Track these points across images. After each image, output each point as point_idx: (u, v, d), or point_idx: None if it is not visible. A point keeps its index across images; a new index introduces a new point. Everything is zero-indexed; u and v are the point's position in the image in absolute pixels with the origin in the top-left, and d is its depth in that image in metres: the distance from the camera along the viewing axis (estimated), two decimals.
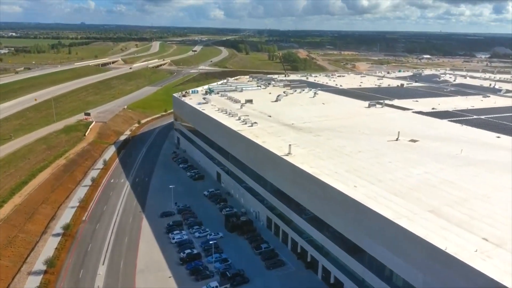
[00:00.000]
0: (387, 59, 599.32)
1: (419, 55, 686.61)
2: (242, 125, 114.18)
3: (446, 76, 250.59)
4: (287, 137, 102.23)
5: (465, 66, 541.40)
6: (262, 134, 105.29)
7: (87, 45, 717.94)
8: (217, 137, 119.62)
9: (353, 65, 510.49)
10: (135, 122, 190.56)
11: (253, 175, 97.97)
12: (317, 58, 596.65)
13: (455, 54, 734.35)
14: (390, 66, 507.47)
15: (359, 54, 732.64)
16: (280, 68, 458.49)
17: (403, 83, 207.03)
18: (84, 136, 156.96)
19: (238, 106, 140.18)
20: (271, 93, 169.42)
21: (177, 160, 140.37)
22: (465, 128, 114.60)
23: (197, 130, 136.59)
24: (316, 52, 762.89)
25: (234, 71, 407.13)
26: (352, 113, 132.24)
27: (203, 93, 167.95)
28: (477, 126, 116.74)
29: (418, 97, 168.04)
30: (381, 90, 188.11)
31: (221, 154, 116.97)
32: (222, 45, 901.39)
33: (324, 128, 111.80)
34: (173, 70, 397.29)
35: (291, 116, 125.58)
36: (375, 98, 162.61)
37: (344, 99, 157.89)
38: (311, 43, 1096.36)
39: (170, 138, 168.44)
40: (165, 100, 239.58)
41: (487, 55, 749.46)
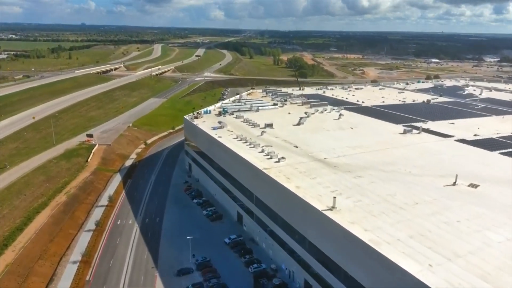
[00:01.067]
0: (395, 64, 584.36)
1: (427, 59, 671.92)
2: (268, 160, 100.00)
3: (469, 88, 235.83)
4: (323, 179, 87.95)
5: (476, 71, 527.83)
6: (292, 174, 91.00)
7: (88, 49, 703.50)
8: (238, 173, 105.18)
9: (362, 70, 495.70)
10: (141, 143, 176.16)
11: (286, 226, 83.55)
12: (323, 63, 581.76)
13: (463, 57, 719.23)
14: (400, 72, 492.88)
15: (365, 57, 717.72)
16: (287, 75, 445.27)
17: (429, 98, 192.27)
18: (86, 162, 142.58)
19: (257, 132, 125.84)
20: (291, 114, 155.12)
21: (190, 193, 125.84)
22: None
23: (212, 159, 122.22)
24: (320, 55, 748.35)
25: (240, 78, 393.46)
26: (388, 141, 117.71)
27: (216, 113, 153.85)
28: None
29: (451, 117, 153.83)
30: (407, 107, 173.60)
31: (243, 193, 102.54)
32: (224, 47, 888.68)
33: (362, 165, 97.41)
34: (178, 77, 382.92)
35: (320, 147, 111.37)
36: (406, 119, 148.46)
37: (372, 122, 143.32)
38: (313, 45, 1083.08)
39: (180, 163, 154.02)
40: (172, 115, 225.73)
41: (495, 58, 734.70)
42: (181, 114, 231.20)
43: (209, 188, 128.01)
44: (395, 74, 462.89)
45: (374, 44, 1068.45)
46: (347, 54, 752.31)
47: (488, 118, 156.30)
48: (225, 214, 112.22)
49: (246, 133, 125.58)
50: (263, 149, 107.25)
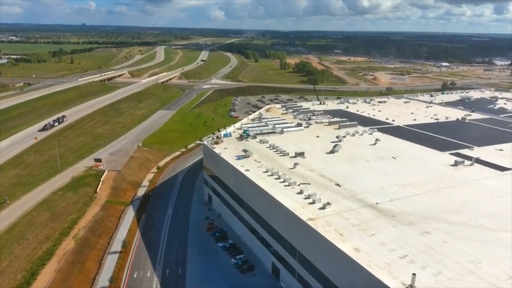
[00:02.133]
0: (406, 68, 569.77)
1: (436, 62, 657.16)
2: (310, 206, 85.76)
3: (500, 101, 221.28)
4: (384, 236, 73.66)
5: (489, 75, 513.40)
6: (345, 228, 76.64)
7: (90, 52, 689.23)
8: (274, 219, 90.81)
9: (372, 76, 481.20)
10: (153, 166, 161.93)
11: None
12: (331, 67, 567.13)
13: (472, 61, 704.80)
14: (411, 77, 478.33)
15: (372, 60, 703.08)
16: (297, 81, 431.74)
17: (463, 116, 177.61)
18: (95, 193, 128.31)
19: (289, 164, 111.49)
20: (320, 137, 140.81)
21: (214, 233, 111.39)
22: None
23: (239, 196, 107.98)
24: (326, 58, 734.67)
25: (250, 86, 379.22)
26: (441, 177, 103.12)
27: (237, 136, 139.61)
28: None
29: (497, 141, 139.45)
30: (444, 127, 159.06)
31: (281, 244, 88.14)
32: (227, 50, 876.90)
33: (423, 213, 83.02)
34: (185, 85, 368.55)
35: (365, 185, 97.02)
36: (449, 144, 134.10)
37: (413, 148, 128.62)
38: (317, 47, 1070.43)
39: (197, 192, 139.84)
40: (183, 131, 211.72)
41: (505, 61, 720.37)
42: (192, 128, 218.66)
43: (234, 227, 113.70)
44: (407, 80, 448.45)
45: (378, 46, 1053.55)
46: (353, 57, 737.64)
47: None
48: (257, 264, 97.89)
49: (276, 164, 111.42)
50: (302, 190, 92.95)
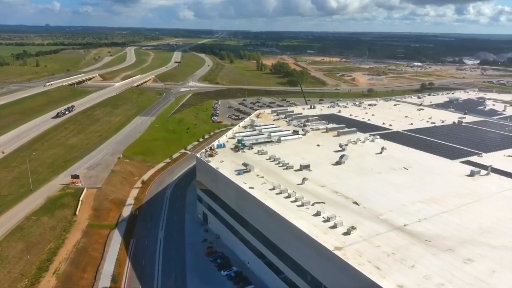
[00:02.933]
0: (381, 69, 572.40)
1: (409, 62, 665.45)
2: (332, 231, 75.84)
3: (488, 102, 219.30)
4: (425, 267, 64.50)
5: (463, 75, 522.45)
6: (379, 259, 66.88)
7: (56, 54, 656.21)
8: (290, 246, 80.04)
9: (350, 76, 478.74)
10: (136, 180, 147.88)
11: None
12: (308, 68, 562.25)
13: (444, 60, 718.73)
14: (388, 77, 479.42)
15: (347, 61, 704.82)
16: (276, 83, 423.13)
17: (459, 119, 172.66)
18: (74, 216, 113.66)
19: (295, 178, 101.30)
20: (320, 146, 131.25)
21: (215, 259, 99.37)
22: None
23: (243, 218, 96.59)
24: (301, 58, 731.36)
25: (230, 88, 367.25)
26: (461, 190, 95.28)
27: (231, 147, 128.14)
28: None
29: (502, 146, 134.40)
30: (444, 132, 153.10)
31: (301, 277, 77.37)
32: (200, 50, 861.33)
33: (458, 235, 74.51)
34: (161, 88, 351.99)
35: (386, 203, 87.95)
36: (457, 151, 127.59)
37: (422, 157, 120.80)
38: (290, 47, 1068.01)
39: (189, 209, 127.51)
40: (165, 139, 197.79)
41: (474, 60, 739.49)
42: (175, 136, 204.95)
43: (237, 251, 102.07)
44: (385, 81, 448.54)
45: (350, 46, 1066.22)
46: (327, 58, 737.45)
47: None
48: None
49: (281, 179, 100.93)
50: (318, 211, 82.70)
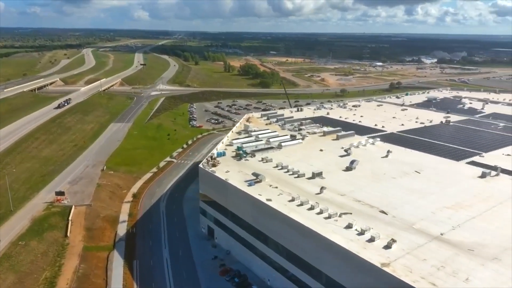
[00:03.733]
0: (346, 69, 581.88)
1: (371, 62, 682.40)
2: (370, 245, 71.57)
3: (464, 101, 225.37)
4: (479, 279, 61.96)
5: (424, 74, 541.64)
6: (431, 274, 63.24)
7: (8, 57, 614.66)
8: (322, 262, 74.89)
9: (319, 77, 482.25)
10: (125, 194, 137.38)
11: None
12: (276, 69, 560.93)
13: (403, 60, 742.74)
14: (356, 78, 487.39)
15: (312, 61, 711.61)
16: (247, 84, 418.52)
17: (447, 120, 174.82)
18: (66, 238, 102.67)
19: (311, 187, 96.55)
20: (323, 150, 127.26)
21: (232, 277, 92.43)
22: None
23: (263, 233, 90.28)
24: (266, 59, 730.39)
25: (203, 91, 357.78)
26: (481, 193, 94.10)
27: (232, 155, 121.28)
28: None
29: (498, 145, 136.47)
30: (438, 133, 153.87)
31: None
32: (161, 52, 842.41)
33: (498, 243, 72.32)
34: (130, 92, 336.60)
35: (413, 211, 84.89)
36: (459, 152, 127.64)
37: (428, 160, 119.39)
38: (252, 48, 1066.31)
39: (190, 223, 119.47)
40: (148, 147, 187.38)
41: (431, 59, 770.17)
42: (156, 143, 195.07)
43: (253, 267, 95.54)
44: (353, 81, 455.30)
45: (310, 47, 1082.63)
46: (292, 58, 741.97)
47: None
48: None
49: (296, 189, 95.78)
50: (350, 223, 78.17)
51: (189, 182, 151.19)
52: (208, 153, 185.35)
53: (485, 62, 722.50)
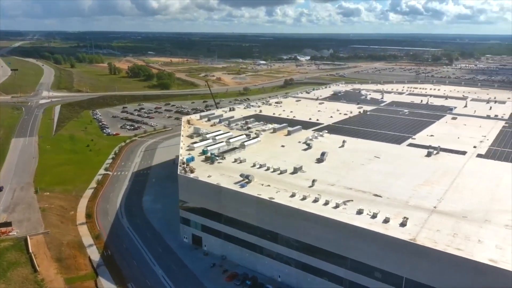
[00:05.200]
0: (235, 68, 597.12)
1: (255, 60, 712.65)
2: (388, 225, 79.09)
3: (363, 92, 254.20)
4: (488, 239, 73.81)
5: (306, 71, 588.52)
6: (450, 240, 73.53)
7: None
8: (349, 249, 79.83)
9: (213, 76, 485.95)
10: (74, 215, 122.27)
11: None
12: (165, 69, 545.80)
13: (281, 58, 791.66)
14: (249, 76, 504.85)
15: (198, 61, 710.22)
16: (144, 87, 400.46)
17: (364, 110, 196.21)
18: (37, 274, 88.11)
19: (300, 181, 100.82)
20: (285, 146, 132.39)
21: (242, 281, 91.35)
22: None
23: (268, 230, 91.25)
24: (149, 60, 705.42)
25: (105, 96, 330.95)
26: (437, 170, 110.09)
27: (202, 159, 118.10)
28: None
29: (418, 128, 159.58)
30: (363, 121, 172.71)
31: (369, 276, 78.38)
32: (22, 55, 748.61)
33: (480, 207, 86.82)
34: (12, 102, 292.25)
35: (397, 191, 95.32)
36: (394, 137, 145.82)
37: (381, 146, 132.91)
38: (126, 48, 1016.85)
39: (167, 235, 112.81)
40: (72, 161, 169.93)
41: (304, 56, 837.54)
42: (80, 157, 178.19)
43: (259, 267, 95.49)
44: (248, 79, 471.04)
45: (187, 46, 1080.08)
46: (178, 58, 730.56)
47: (438, 125, 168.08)
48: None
49: (289, 184, 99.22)
50: (359, 209, 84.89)
51: (140, 193, 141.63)
52: (143, 161, 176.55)
53: (349, 57, 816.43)
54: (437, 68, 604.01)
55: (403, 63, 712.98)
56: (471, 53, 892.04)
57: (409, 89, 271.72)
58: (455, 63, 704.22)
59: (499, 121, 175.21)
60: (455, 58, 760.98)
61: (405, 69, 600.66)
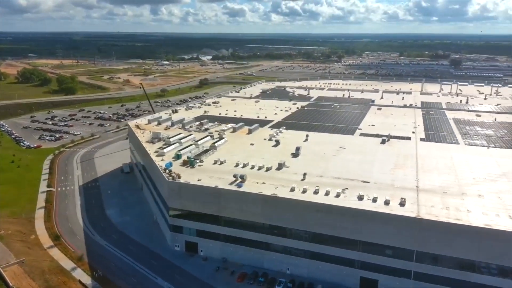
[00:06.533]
0: (139, 68, 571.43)
1: (158, 61, 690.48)
2: (387, 206, 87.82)
3: (288, 89, 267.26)
4: (474, 206, 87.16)
5: (214, 70, 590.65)
6: (448, 214, 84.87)
7: None
8: (365, 233, 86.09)
9: (119, 78, 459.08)
10: (36, 239, 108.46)
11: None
12: (61, 73, 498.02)
13: (183, 58, 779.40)
14: (158, 77, 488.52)
15: (94, 62, 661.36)
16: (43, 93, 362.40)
17: (302, 106, 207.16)
18: None
19: (291, 176, 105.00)
20: (254, 144, 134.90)
21: (256, 279, 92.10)
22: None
23: (278, 226, 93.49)
24: (35, 63, 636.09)
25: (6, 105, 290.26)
26: (400, 155, 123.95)
27: (180, 164, 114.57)
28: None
29: (358, 120, 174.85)
30: (307, 116, 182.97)
31: (384, 255, 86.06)
32: None
33: (453, 185, 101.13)
34: None
35: (380, 177, 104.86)
36: (342, 128, 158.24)
37: (339, 138, 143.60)
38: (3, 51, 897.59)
39: (154, 246, 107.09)
40: (7, 180, 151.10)
41: (204, 56, 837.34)
42: (11, 175, 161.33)
43: (264, 263, 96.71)
44: (158, 80, 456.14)
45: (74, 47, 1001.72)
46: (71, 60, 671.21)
47: (370, 115, 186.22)
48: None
49: (282, 180, 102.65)
50: (360, 195, 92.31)
51: (100, 207, 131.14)
52: (85, 173, 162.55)
53: (248, 56, 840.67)
54: (329, 65, 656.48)
55: (299, 61, 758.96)
56: (354, 51, 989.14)
57: (325, 85, 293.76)
58: (343, 60, 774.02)
59: (416, 109, 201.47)
60: (341, 56, 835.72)
61: (303, 67, 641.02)
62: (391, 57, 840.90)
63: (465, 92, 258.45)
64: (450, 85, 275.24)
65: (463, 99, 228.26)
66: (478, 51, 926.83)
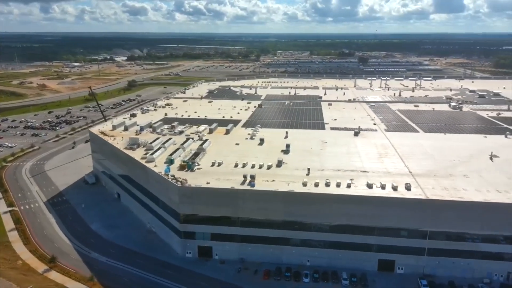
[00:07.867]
0: (48, 72, 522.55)
1: (68, 63, 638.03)
2: (395, 191, 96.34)
3: (236, 89, 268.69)
4: (464, 182, 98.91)
5: (134, 71, 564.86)
6: (444, 194, 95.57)
7: None
8: (378, 219, 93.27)
9: (31, 83, 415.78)
10: (22, 263, 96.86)
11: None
12: None
13: (95, 59, 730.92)
14: (78, 79, 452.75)
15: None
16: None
17: (259, 104, 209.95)
18: None
19: (294, 172, 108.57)
20: (240, 143, 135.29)
21: (280, 276, 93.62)
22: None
23: (295, 221, 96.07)
24: None
25: None
26: (373, 146, 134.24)
27: (177, 168, 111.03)
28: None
29: (317, 116, 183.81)
30: (269, 114, 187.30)
31: (400, 236, 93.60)
32: None
33: (434, 168, 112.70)
34: None
35: (372, 166, 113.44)
36: (315, 124, 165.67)
37: (316, 133, 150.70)
38: None
39: (164, 257, 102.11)
40: None
41: (118, 56, 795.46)
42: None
43: (284, 257, 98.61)
44: (79, 83, 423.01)
45: None
46: None
47: (327, 110, 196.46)
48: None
49: (289, 176, 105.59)
50: (370, 184, 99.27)
51: (81, 223, 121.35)
52: (43, 188, 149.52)
53: (166, 57, 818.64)
54: (250, 64, 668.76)
55: (219, 61, 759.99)
56: (268, 50, 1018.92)
57: (264, 84, 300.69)
58: (261, 59, 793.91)
59: (362, 103, 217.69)
60: (259, 55, 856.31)
61: (225, 66, 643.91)
62: (303, 56, 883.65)
63: (392, 86, 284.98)
64: (376, 80, 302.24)
65: (395, 92, 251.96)
66: (376, 49, 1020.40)
